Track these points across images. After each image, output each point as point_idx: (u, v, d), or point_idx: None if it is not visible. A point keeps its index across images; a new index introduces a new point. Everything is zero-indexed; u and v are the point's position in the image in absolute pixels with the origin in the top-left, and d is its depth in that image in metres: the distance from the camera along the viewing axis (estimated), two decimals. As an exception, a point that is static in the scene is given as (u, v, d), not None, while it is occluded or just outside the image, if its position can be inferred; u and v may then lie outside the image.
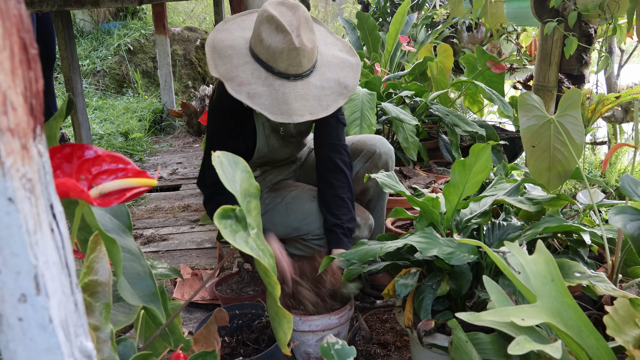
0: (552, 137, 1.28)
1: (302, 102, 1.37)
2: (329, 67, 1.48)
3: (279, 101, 1.35)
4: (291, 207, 1.68)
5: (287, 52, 1.36)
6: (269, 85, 1.37)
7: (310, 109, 1.38)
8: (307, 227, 1.67)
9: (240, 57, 1.42)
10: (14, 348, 0.39)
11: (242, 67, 1.39)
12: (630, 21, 1.89)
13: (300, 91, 1.38)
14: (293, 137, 1.74)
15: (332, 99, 1.43)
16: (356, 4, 6.01)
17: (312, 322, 1.32)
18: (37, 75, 0.38)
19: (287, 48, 1.35)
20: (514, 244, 0.87)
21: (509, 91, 3.66)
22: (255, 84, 1.37)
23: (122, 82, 5.08)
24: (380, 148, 1.77)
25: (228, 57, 1.41)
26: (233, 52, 1.43)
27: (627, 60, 3.02)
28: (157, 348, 0.83)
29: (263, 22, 1.38)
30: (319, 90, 1.41)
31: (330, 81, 1.45)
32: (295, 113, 1.35)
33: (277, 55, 1.36)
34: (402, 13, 3.29)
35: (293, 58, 1.37)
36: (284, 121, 1.34)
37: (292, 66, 1.37)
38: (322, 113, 1.39)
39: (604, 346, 0.78)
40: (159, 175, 3.21)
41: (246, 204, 0.74)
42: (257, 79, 1.38)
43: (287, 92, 1.37)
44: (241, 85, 1.36)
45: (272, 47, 1.36)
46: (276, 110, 1.35)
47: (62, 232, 0.42)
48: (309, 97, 1.39)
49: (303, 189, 1.73)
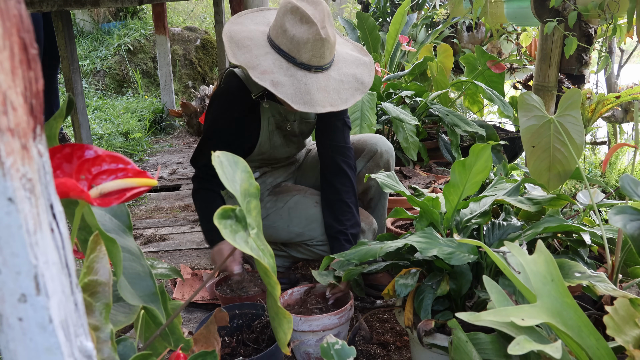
0: (552, 137, 1.28)
1: (323, 94, 1.38)
2: (345, 63, 1.50)
3: (302, 91, 1.36)
4: (294, 212, 1.68)
5: (313, 42, 1.36)
6: (291, 76, 1.38)
7: (332, 100, 1.39)
8: (311, 233, 1.67)
9: (260, 47, 1.42)
10: (14, 348, 0.39)
11: (262, 56, 1.40)
12: (630, 21, 1.89)
13: (322, 83, 1.40)
14: (295, 136, 1.74)
15: (351, 93, 1.44)
16: (356, 4, 6.01)
17: (312, 322, 1.32)
18: (37, 75, 0.38)
19: (313, 38, 1.36)
20: (514, 244, 0.87)
21: (509, 91, 3.66)
22: (278, 73, 1.37)
23: (122, 82, 5.08)
24: (382, 147, 1.77)
25: (247, 48, 1.42)
26: (251, 43, 1.43)
27: (627, 60, 3.02)
28: (157, 348, 0.83)
29: (287, 12, 1.39)
30: (338, 84, 1.43)
31: (348, 76, 1.46)
32: (318, 103, 1.36)
33: (302, 46, 1.37)
34: (402, 13, 3.29)
35: (317, 49, 1.37)
36: (306, 110, 1.35)
37: (315, 57, 1.38)
38: (342, 105, 1.41)
39: (604, 346, 0.78)
40: (159, 175, 3.21)
41: (246, 204, 0.74)
42: (279, 69, 1.38)
43: (310, 82, 1.38)
44: (264, 73, 1.36)
45: (296, 37, 1.36)
46: (299, 99, 1.36)
47: (62, 232, 0.42)
48: (329, 89, 1.40)
49: (305, 193, 1.73)
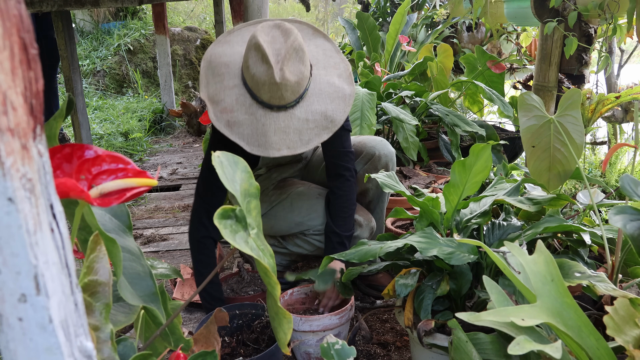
0: (552, 137, 1.28)
1: (281, 136, 1.35)
2: (320, 97, 1.43)
3: (258, 132, 1.34)
4: (296, 202, 1.69)
5: (269, 85, 1.33)
6: (252, 114, 1.35)
7: (289, 143, 1.35)
8: (310, 222, 1.67)
9: (231, 78, 1.39)
10: (14, 348, 0.39)
11: (229, 90, 1.37)
12: (630, 21, 1.89)
13: (281, 124, 1.36)
14: None
15: (315, 133, 1.38)
16: (356, 4, 6.01)
17: (313, 322, 1.32)
18: (37, 75, 0.38)
19: (269, 81, 1.32)
20: (514, 244, 0.87)
21: (509, 91, 3.66)
22: (239, 112, 1.35)
23: (122, 82, 5.08)
24: (380, 150, 1.76)
25: (220, 76, 1.39)
26: (226, 70, 1.41)
27: (627, 60, 3.02)
28: (157, 348, 0.83)
29: (251, 48, 1.35)
30: (302, 124, 1.37)
31: (316, 114, 1.40)
32: (272, 147, 1.33)
33: (260, 86, 1.34)
34: (402, 13, 3.29)
35: (274, 92, 1.34)
36: (259, 154, 1.33)
37: (274, 98, 1.35)
38: (301, 148, 1.36)
39: (604, 346, 0.78)
40: (159, 175, 3.21)
41: (246, 204, 0.74)
42: (241, 106, 1.36)
43: (268, 123, 1.34)
44: (224, 111, 1.34)
45: (255, 77, 1.34)
46: (254, 141, 1.33)
47: (62, 232, 0.42)
48: (289, 130, 1.36)
49: (309, 186, 1.74)
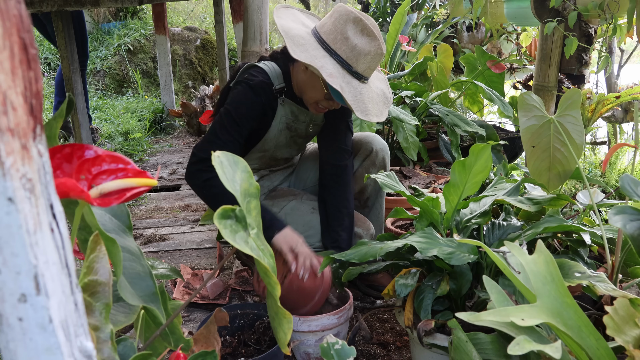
0: (552, 137, 1.28)
1: (371, 104, 1.43)
2: (373, 77, 1.54)
3: (358, 99, 1.41)
4: (291, 218, 1.67)
5: (374, 55, 1.41)
6: (348, 82, 1.41)
7: (377, 112, 1.45)
8: (308, 239, 1.66)
9: (314, 49, 1.43)
10: (14, 348, 0.39)
11: (322, 58, 1.41)
12: (630, 21, 1.89)
13: (370, 93, 1.45)
14: (301, 138, 1.74)
15: (384, 107, 1.50)
16: (356, 4, 6.01)
17: (312, 322, 1.32)
18: (37, 75, 0.38)
19: (374, 52, 1.40)
20: (514, 244, 0.87)
21: (509, 91, 3.66)
22: (340, 78, 1.40)
23: (122, 82, 5.08)
24: (377, 145, 1.79)
25: (303, 46, 1.42)
26: (305, 42, 1.44)
27: (627, 60, 3.02)
28: (157, 348, 0.83)
29: (349, 22, 1.41)
30: (377, 96, 1.49)
31: (379, 90, 1.52)
32: (370, 113, 1.41)
33: (362, 56, 1.40)
34: (402, 13, 3.29)
35: (375, 62, 1.42)
36: (363, 118, 1.40)
37: (369, 69, 1.43)
38: (381, 117, 1.46)
39: (604, 346, 0.78)
40: (159, 175, 3.21)
41: (246, 204, 0.74)
42: (338, 73, 1.40)
43: (363, 92, 1.43)
44: (332, 76, 1.38)
45: (358, 47, 1.39)
46: (357, 107, 1.40)
47: (62, 232, 0.42)
48: (374, 100, 1.46)
49: (301, 198, 1.72)
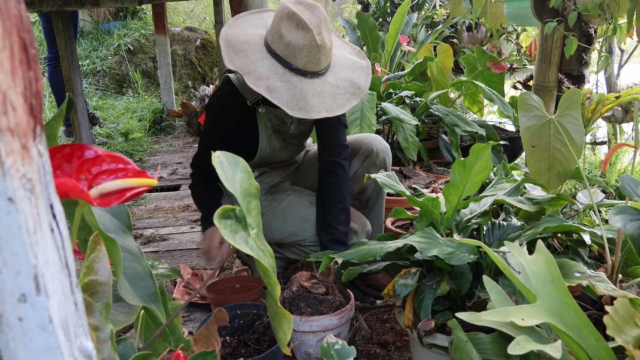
0: (552, 137, 1.28)
1: (319, 99, 1.39)
2: (342, 67, 1.50)
3: (297, 97, 1.37)
4: (288, 212, 1.68)
5: (308, 48, 1.37)
6: (287, 81, 1.38)
7: (327, 106, 1.40)
8: (304, 233, 1.66)
9: (256, 52, 1.42)
10: (14, 348, 0.39)
11: (259, 61, 1.40)
12: (630, 21, 1.89)
13: (317, 88, 1.40)
14: (294, 138, 1.74)
15: (346, 99, 1.45)
16: (356, 4, 6.01)
17: (313, 322, 1.32)
18: (37, 75, 0.38)
19: (309, 45, 1.37)
20: (514, 244, 0.87)
21: (509, 91, 3.66)
22: (273, 79, 1.38)
23: (122, 82, 5.08)
24: (377, 146, 1.78)
25: (243, 52, 1.42)
26: (248, 47, 1.43)
27: (627, 60, 3.02)
28: (157, 348, 0.83)
29: (283, 18, 1.39)
30: (334, 89, 1.44)
31: (344, 81, 1.47)
32: (313, 109, 1.37)
33: (297, 52, 1.37)
34: (402, 13, 3.29)
35: (313, 55, 1.38)
36: (301, 117, 1.36)
37: (310, 63, 1.39)
38: (337, 111, 1.42)
39: (604, 346, 0.78)
40: (159, 175, 3.21)
41: (246, 204, 0.74)
42: (274, 74, 1.38)
43: (305, 88, 1.38)
44: (260, 79, 1.37)
45: (292, 43, 1.37)
46: (294, 105, 1.36)
47: (62, 232, 0.42)
48: (325, 94, 1.41)
49: (300, 193, 1.73)
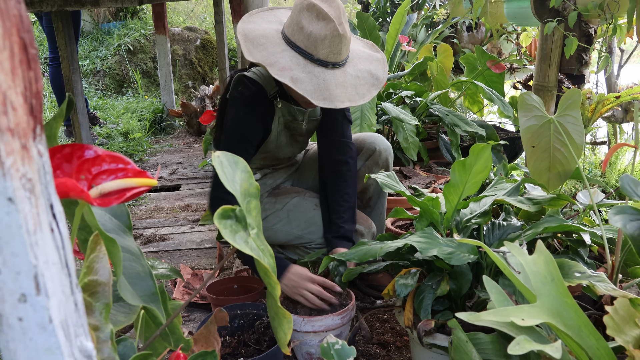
0: (552, 137, 1.28)
1: (341, 89, 1.40)
2: (359, 59, 1.51)
3: (320, 87, 1.38)
4: (293, 214, 1.68)
5: (330, 38, 1.37)
6: (309, 72, 1.39)
7: (349, 96, 1.41)
8: (310, 235, 1.67)
9: (275, 45, 1.43)
10: (14, 348, 0.39)
11: (279, 54, 1.40)
12: (630, 21, 1.89)
13: (339, 79, 1.41)
14: (302, 135, 1.74)
15: (367, 89, 1.46)
16: (356, 4, 6.01)
17: (315, 322, 1.32)
18: (37, 75, 0.38)
19: (331, 35, 1.37)
20: (514, 244, 0.87)
21: (509, 91, 3.66)
22: (296, 70, 1.38)
23: (122, 82, 5.08)
24: (380, 145, 1.78)
25: (262, 45, 1.42)
26: (266, 40, 1.44)
27: (627, 60, 3.02)
28: (157, 348, 0.83)
29: (303, 10, 1.40)
30: (354, 80, 1.44)
31: (363, 72, 1.48)
32: (337, 99, 1.38)
33: (319, 42, 1.38)
34: (402, 13, 3.29)
35: (335, 45, 1.39)
36: (326, 106, 1.36)
37: (332, 53, 1.40)
38: (359, 100, 1.42)
39: (604, 346, 0.78)
40: (159, 175, 3.21)
41: (246, 204, 0.74)
42: (297, 66, 1.39)
43: (328, 78, 1.39)
44: (283, 70, 1.37)
45: (314, 34, 1.37)
46: (318, 95, 1.37)
47: (62, 232, 0.42)
48: (347, 85, 1.42)
49: (304, 195, 1.73)
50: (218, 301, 1.54)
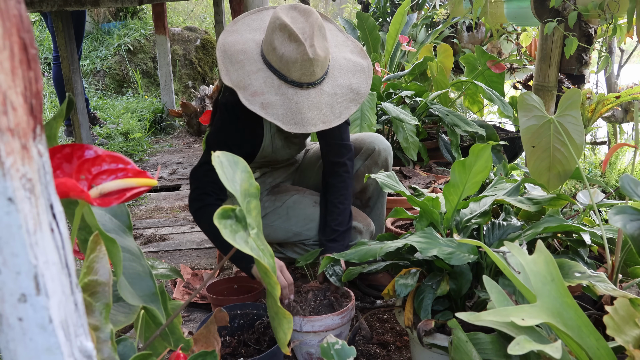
0: (552, 137, 1.28)
1: (315, 112, 1.37)
2: (341, 72, 1.47)
3: (292, 111, 1.35)
4: (292, 211, 1.68)
5: (301, 62, 1.35)
6: (282, 94, 1.36)
7: (324, 117, 1.38)
8: (308, 232, 1.67)
9: (252, 63, 1.40)
10: (14, 348, 0.39)
11: (254, 74, 1.38)
12: (630, 21, 1.89)
13: (313, 100, 1.38)
14: (296, 137, 1.74)
15: (345, 106, 1.42)
16: (356, 4, 6.01)
17: (315, 322, 1.32)
18: (37, 75, 0.38)
19: (301, 58, 1.34)
20: (514, 244, 0.87)
21: (509, 91, 3.66)
22: (269, 93, 1.36)
23: (122, 82, 5.08)
24: (379, 145, 1.78)
25: (240, 63, 1.40)
26: (245, 57, 1.41)
27: (627, 60, 3.02)
28: (157, 348, 0.83)
29: (275, 30, 1.37)
30: (331, 98, 1.41)
31: (342, 87, 1.44)
32: (309, 122, 1.35)
33: (291, 65, 1.35)
34: (402, 13, 3.29)
35: (306, 68, 1.36)
36: (297, 131, 1.34)
37: (305, 75, 1.37)
38: (335, 122, 1.39)
39: (604, 346, 0.78)
40: (159, 175, 3.21)
41: (246, 204, 0.74)
42: (270, 87, 1.37)
43: (301, 101, 1.36)
44: (254, 95, 1.35)
45: (285, 57, 1.35)
46: (290, 120, 1.34)
47: (62, 232, 0.42)
48: (321, 105, 1.38)
49: (304, 193, 1.73)
50: (218, 301, 1.54)
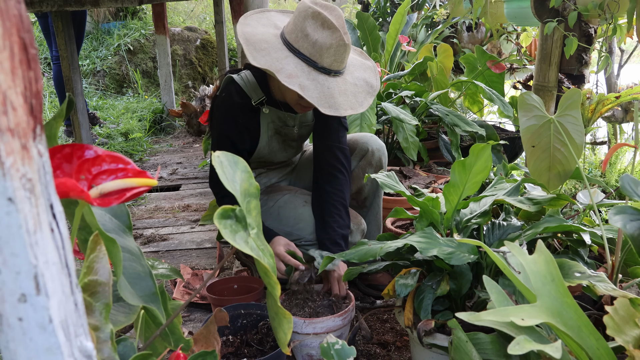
0: (552, 137, 1.28)
1: (344, 97, 1.42)
2: (354, 67, 1.53)
3: (326, 95, 1.39)
4: (283, 211, 1.68)
5: (336, 47, 1.39)
6: (313, 80, 1.40)
7: (351, 104, 1.43)
8: (299, 232, 1.67)
9: (278, 51, 1.43)
10: (14, 348, 0.39)
11: (283, 60, 1.41)
12: (630, 21, 1.89)
13: (341, 86, 1.43)
14: (294, 140, 1.74)
15: (364, 97, 1.48)
16: (356, 4, 6.01)
17: (317, 324, 1.32)
18: (37, 75, 0.38)
19: (337, 44, 1.39)
20: (514, 244, 0.87)
21: (509, 91, 3.66)
22: (302, 77, 1.39)
23: (122, 82, 5.08)
24: (373, 145, 1.78)
25: (264, 50, 1.42)
26: (268, 46, 1.44)
27: (627, 60, 3.02)
28: (157, 348, 0.83)
29: (308, 17, 1.40)
30: (354, 87, 1.47)
31: (360, 80, 1.50)
32: (341, 107, 1.40)
33: (324, 51, 1.39)
34: (402, 13, 3.29)
35: (340, 54, 1.40)
36: (331, 114, 1.38)
37: (336, 62, 1.41)
38: (360, 108, 1.45)
39: (604, 346, 0.78)
40: (159, 175, 3.21)
41: (246, 204, 0.74)
42: (301, 73, 1.40)
43: (331, 86, 1.41)
44: (291, 77, 1.38)
45: (319, 42, 1.38)
46: (324, 103, 1.38)
47: (62, 232, 0.42)
48: (348, 92, 1.44)
49: (295, 193, 1.73)
50: (218, 301, 1.54)
